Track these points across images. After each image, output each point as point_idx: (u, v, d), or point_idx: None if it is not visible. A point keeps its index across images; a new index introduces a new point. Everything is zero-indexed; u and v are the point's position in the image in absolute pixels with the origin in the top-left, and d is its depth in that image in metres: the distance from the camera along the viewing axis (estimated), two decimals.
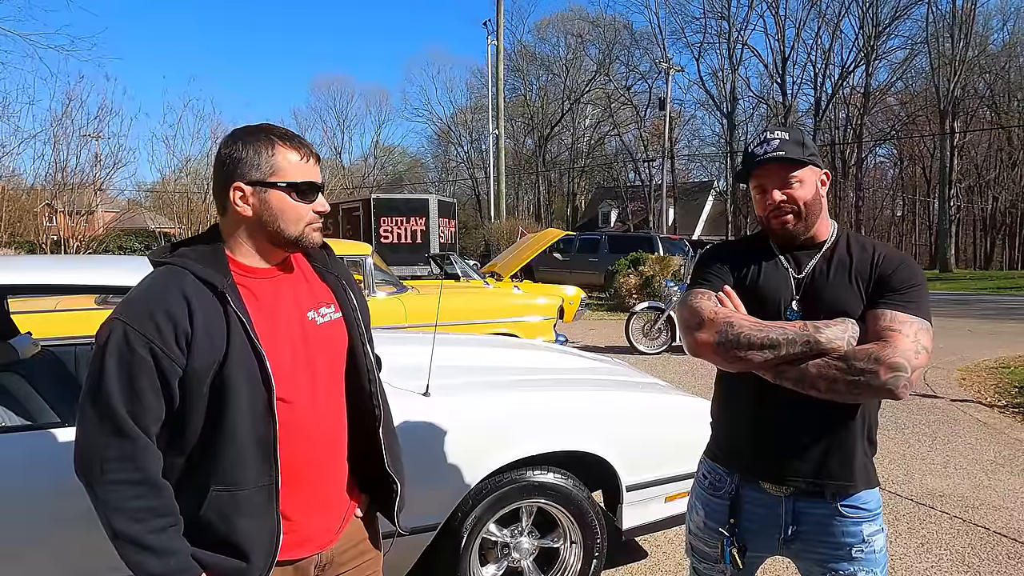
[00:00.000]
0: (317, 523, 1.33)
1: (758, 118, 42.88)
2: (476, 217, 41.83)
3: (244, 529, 1.20)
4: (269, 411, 1.21)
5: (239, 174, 1.24)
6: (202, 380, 1.17)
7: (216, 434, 1.19)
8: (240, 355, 1.19)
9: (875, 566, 1.52)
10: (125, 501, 1.12)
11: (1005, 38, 39.57)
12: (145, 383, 1.13)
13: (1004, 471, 4.39)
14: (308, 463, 1.29)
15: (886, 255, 1.52)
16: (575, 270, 17.05)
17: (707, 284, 1.58)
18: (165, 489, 1.16)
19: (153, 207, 21.11)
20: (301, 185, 1.26)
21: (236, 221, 1.28)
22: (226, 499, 1.19)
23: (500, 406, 2.41)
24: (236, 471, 1.19)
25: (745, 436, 1.58)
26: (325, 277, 1.43)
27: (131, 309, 1.16)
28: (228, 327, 1.19)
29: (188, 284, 1.19)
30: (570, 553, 2.55)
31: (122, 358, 1.13)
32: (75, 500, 1.77)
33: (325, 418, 1.33)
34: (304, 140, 1.29)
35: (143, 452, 1.14)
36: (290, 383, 1.25)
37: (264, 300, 1.28)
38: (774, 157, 1.48)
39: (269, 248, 1.30)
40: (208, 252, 1.26)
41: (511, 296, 6.47)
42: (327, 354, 1.35)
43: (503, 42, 23.29)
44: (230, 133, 1.29)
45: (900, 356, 1.36)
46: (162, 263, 1.25)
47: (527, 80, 47.84)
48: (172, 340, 1.14)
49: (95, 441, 1.13)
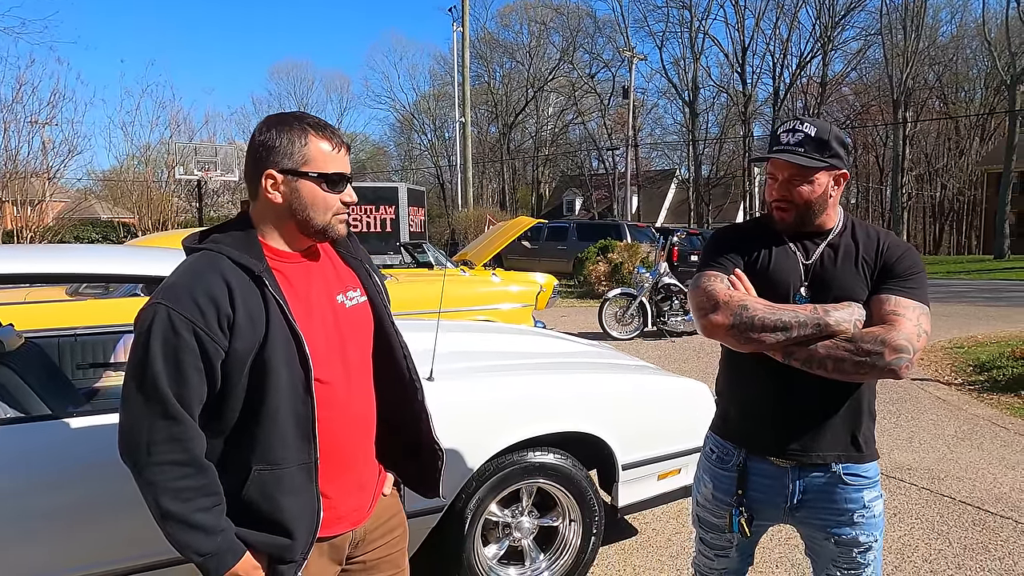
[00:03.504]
0: (352, 501, 1.37)
1: (719, 107, 43.54)
2: (440, 206, 41.64)
3: (287, 506, 1.23)
4: (308, 391, 1.23)
5: (272, 162, 1.26)
6: (243, 362, 1.19)
7: (257, 415, 1.21)
8: (279, 337, 1.21)
9: (874, 529, 1.62)
10: (173, 481, 1.14)
11: (952, 30, 40.91)
12: (190, 365, 1.15)
13: (964, 445, 4.63)
14: (343, 442, 1.33)
15: (890, 243, 1.60)
16: (543, 258, 17.15)
17: (719, 267, 1.64)
18: (210, 469, 1.18)
19: (110, 196, 20.38)
20: (332, 176, 1.28)
21: (266, 207, 1.29)
22: (268, 477, 1.22)
23: (503, 390, 2.46)
24: (277, 450, 1.22)
25: (753, 412, 1.65)
26: (349, 262, 1.46)
27: (173, 293, 1.17)
28: (267, 310, 1.21)
29: (226, 268, 1.21)
30: (570, 530, 2.62)
31: (167, 341, 1.14)
32: (70, 491, 1.78)
33: (358, 398, 1.37)
34: (336, 130, 1.31)
35: (189, 433, 1.16)
36: (326, 364, 1.28)
37: (297, 284, 1.31)
38: (791, 157, 1.54)
39: (297, 235, 1.32)
40: (242, 237, 1.28)
41: (489, 284, 6.50)
42: (357, 336, 1.39)
43: (468, 29, 23.11)
44: (264, 119, 1.30)
45: (903, 339, 1.45)
46: (197, 249, 1.26)
47: (490, 67, 47.67)
48: (215, 322, 1.16)
49: (142, 423, 1.15)
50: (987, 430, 4.96)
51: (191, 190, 19.69)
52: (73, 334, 3.37)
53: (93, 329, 3.47)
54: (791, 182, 1.57)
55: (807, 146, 1.55)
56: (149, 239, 7.20)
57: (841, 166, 1.58)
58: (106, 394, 3.13)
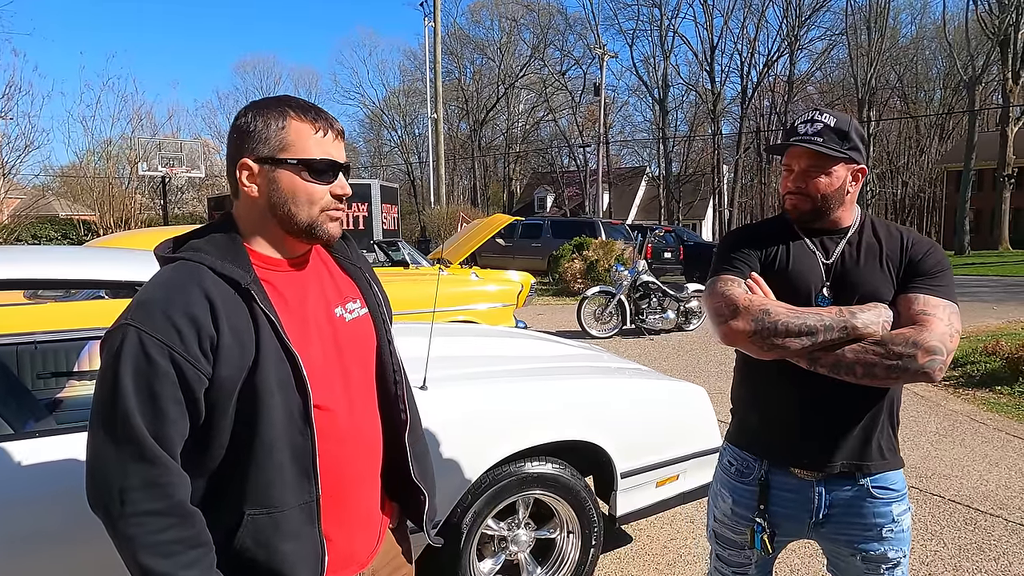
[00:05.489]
0: (358, 540, 1.22)
1: (688, 105, 43.97)
2: (411, 203, 41.23)
3: (287, 553, 1.07)
4: (306, 421, 1.07)
5: (247, 149, 1.09)
6: (231, 390, 1.03)
7: (248, 450, 1.05)
8: (271, 359, 1.05)
9: (903, 544, 1.54)
10: (153, 535, 0.97)
11: (913, 32, 41.96)
12: (168, 397, 0.99)
13: (947, 441, 4.65)
14: (347, 475, 1.17)
15: (915, 240, 1.53)
16: (518, 255, 17.05)
17: (734, 270, 1.55)
18: (196, 516, 1.02)
19: (69, 193, 19.68)
20: (316, 163, 1.11)
21: (247, 204, 1.13)
22: (264, 522, 1.06)
23: (500, 398, 2.34)
24: (273, 490, 1.06)
25: (775, 422, 1.57)
26: (347, 268, 1.30)
27: (145, 311, 1.00)
28: (256, 328, 1.05)
29: (208, 281, 1.04)
30: (567, 543, 2.52)
31: (139, 370, 0.98)
32: (34, 519, 1.61)
33: (362, 425, 1.21)
34: (324, 112, 1.14)
35: (169, 476, 0.99)
36: (325, 388, 1.13)
37: (290, 296, 1.14)
38: (809, 144, 1.46)
39: (284, 237, 1.14)
40: (225, 243, 1.11)
41: (469, 283, 6.37)
42: (358, 354, 1.23)
43: (440, 24, 22.86)
44: (246, 105, 1.15)
45: (936, 340, 1.37)
46: (173, 258, 1.09)
47: (461, 63, 47.39)
48: (195, 346, 1.00)
49: (114, 470, 0.98)
50: (967, 426, 5.01)
51: (155, 187, 19.15)
52: (32, 341, 3.15)
53: (55, 335, 3.25)
54: (808, 173, 1.49)
55: (826, 136, 1.47)
56: (112, 239, 6.90)
57: (860, 160, 1.51)
58: (71, 405, 2.93)
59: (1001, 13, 28.03)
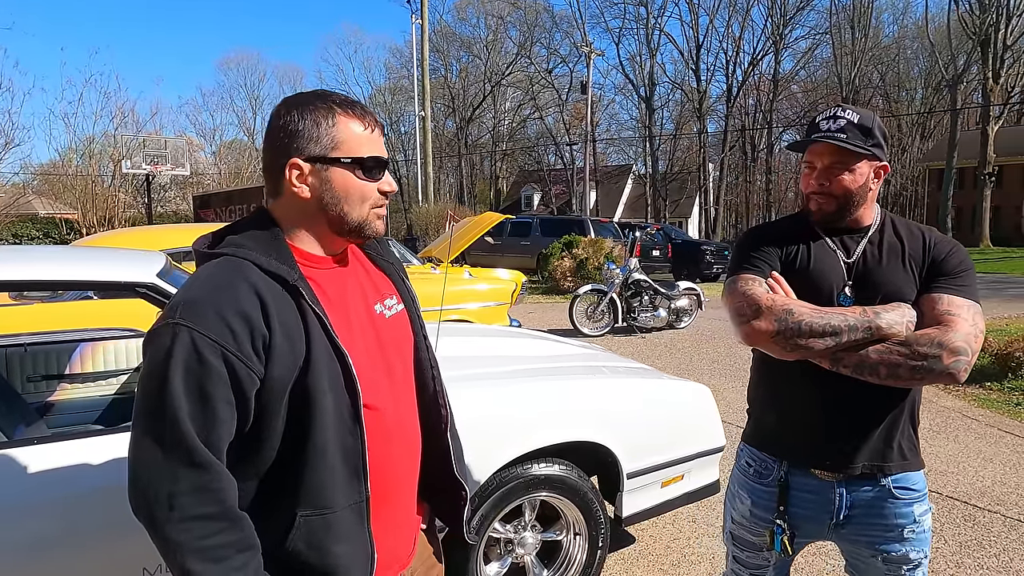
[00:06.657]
0: (400, 540, 1.20)
1: (674, 103, 44.14)
2: (397, 201, 41.02)
3: (339, 555, 1.05)
4: (356, 420, 1.05)
5: (296, 149, 1.06)
6: (281, 390, 1.00)
7: (300, 452, 1.03)
8: (322, 358, 1.02)
9: (924, 545, 1.53)
10: (202, 539, 0.94)
11: (895, 32, 42.40)
12: (220, 399, 0.95)
13: (940, 438, 4.69)
14: (393, 475, 1.15)
15: (937, 239, 1.51)
16: (507, 253, 17.00)
17: (754, 269, 1.53)
18: (244, 519, 0.98)
19: (50, 191, 19.36)
20: (367, 161, 1.09)
21: (292, 204, 1.09)
22: (317, 524, 1.03)
23: (506, 400, 2.31)
24: (326, 492, 1.04)
25: (796, 422, 1.55)
26: (381, 265, 1.28)
27: (195, 310, 0.96)
28: (306, 326, 1.02)
29: (256, 278, 1.01)
30: (574, 545, 2.49)
31: (190, 371, 0.94)
32: (28, 528, 1.56)
33: (405, 424, 1.19)
34: (367, 108, 1.12)
35: (220, 481, 0.96)
36: (373, 387, 1.10)
37: (332, 294, 1.11)
38: (832, 140, 1.44)
39: (330, 235, 1.12)
40: (267, 239, 1.07)
41: (462, 281, 6.33)
42: (399, 351, 1.21)
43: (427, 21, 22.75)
44: (282, 101, 1.10)
45: (961, 340, 1.36)
46: (216, 254, 1.05)
47: (447, 61, 47.26)
48: (248, 345, 0.97)
49: (161, 474, 0.94)
50: (959, 422, 5.05)
51: (138, 185, 18.88)
52: (21, 343, 3.07)
53: (44, 337, 3.17)
54: (831, 170, 1.47)
55: (849, 132, 1.45)
56: (99, 238, 6.77)
57: (883, 157, 1.50)
58: (63, 409, 2.86)
59: (982, 13, 28.43)
